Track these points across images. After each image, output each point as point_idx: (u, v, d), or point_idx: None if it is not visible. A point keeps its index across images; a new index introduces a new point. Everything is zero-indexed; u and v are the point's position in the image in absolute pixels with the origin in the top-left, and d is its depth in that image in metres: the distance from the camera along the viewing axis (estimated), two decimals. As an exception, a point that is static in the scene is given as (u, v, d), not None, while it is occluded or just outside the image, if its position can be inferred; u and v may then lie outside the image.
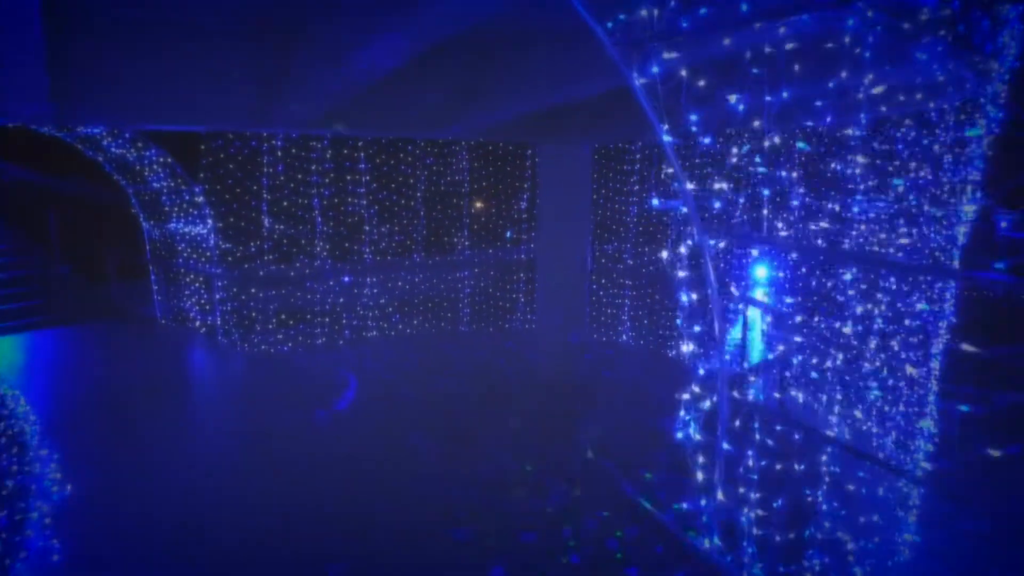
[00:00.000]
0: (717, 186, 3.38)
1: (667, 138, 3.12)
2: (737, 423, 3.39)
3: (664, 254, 4.26)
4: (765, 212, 3.59)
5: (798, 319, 3.67)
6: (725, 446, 3.32)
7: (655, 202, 11.65)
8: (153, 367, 9.72)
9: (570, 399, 8.19)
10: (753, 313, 11.26)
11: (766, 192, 3.53)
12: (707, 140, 3.21)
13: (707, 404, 3.46)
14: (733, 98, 3.18)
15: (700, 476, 3.46)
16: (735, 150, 3.48)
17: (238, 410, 8.31)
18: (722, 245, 3.65)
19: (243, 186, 9.90)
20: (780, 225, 3.74)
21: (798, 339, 3.81)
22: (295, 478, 6.22)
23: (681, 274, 3.98)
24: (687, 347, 3.47)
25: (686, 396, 3.48)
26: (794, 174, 3.75)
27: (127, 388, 8.78)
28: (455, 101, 7.02)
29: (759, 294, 11.93)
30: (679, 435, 3.56)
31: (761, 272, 11.67)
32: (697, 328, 3.87)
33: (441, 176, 11.79)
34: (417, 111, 7.02)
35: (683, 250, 3.54)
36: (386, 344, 11.21)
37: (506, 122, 7.31)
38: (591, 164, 8.24)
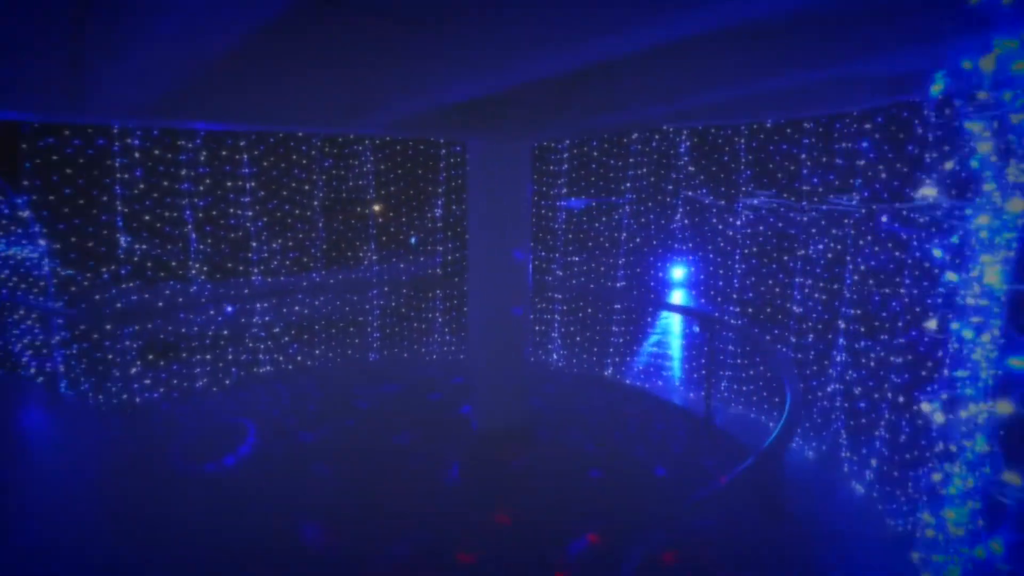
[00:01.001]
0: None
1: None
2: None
3: (931, 324, 2.64)
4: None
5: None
6: None
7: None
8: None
9: (520, 461, 6.80)
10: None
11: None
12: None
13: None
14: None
15: None
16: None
17: (88, 485, 6.31)
18: None
19: (88, 196, 7.78)
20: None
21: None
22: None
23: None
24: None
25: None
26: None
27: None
28: (364, 85, 5.51)
29: (676, 297, 11.24)
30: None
31: (678, 273, 11.00)
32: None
33: (343, 181, 10.13)
34: (312, 95, 5.42)
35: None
36: (283, 380, 9.39)
37: (431, 112, 5.89)
38: (531, 163, 7.00)
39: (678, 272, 10.13)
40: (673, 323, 10.31)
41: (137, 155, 8.09)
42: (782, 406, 8.50)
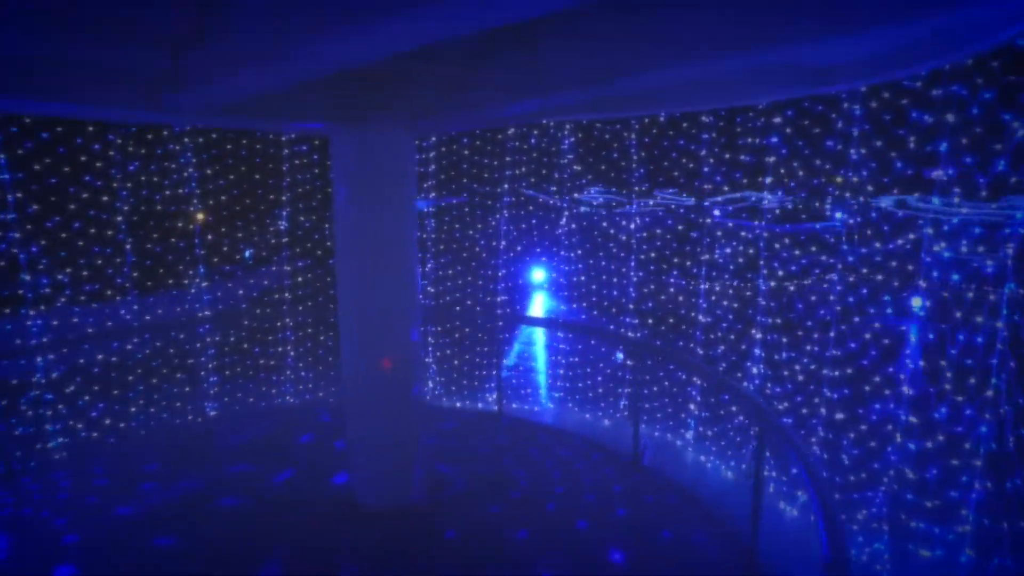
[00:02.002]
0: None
1: None
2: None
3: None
4: None
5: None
6: None
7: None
8: None
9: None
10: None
11: None
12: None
13: None
14: None
15: None
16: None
17: None
18: None
19: None
20: None
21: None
22: None
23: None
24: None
25: None
26: None
27: None
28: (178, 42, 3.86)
29: (537, 303, 10.39)
30: None
31: (539, 275, 10.12)
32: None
33: (156, 188, 7.97)
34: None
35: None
36: (82, 456, 7.06)
37: (279, 90, 4.33)
38: (415, 157, 5.60)
39: (539, 274, 9.32)
40: (549, 339, 9.36)
41: None
42: (690, 421, 7.85)
